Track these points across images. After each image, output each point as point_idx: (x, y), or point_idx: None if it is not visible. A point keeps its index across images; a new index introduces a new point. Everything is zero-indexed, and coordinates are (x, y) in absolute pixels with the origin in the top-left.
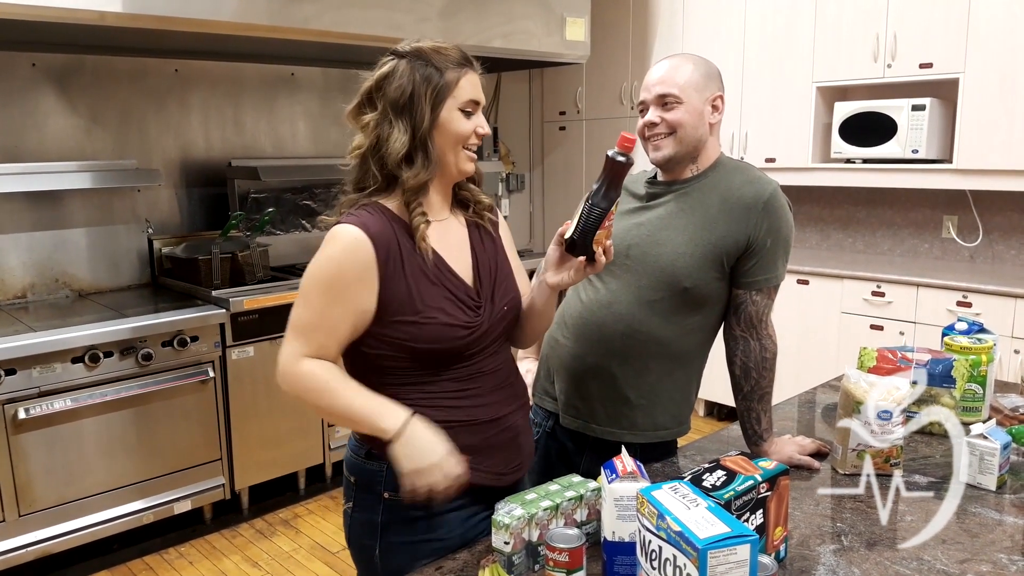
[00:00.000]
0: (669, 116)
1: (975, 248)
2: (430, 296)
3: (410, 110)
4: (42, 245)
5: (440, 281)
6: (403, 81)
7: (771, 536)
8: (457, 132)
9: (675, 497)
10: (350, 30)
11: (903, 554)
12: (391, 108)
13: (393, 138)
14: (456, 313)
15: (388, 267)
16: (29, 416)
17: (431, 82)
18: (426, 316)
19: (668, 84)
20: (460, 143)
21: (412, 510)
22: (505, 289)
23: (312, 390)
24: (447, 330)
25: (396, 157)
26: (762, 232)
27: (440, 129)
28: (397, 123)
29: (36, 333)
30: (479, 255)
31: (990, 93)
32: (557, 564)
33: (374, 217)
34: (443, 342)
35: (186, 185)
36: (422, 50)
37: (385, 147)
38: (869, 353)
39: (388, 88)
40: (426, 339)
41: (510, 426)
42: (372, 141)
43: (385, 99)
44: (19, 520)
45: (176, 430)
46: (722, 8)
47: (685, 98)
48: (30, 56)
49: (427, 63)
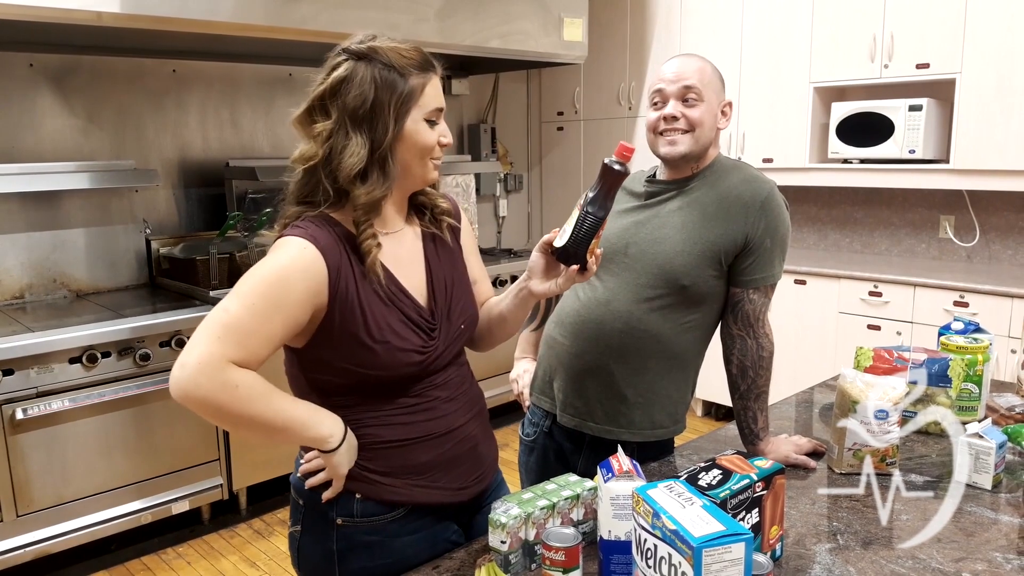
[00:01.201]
0: (691, 112)
1: (972, 248)
2: (383, 319)
3: (370, 120)
4: (40, 245)
5: (393, 302)
6: (364, 88)
7: (767, 535)
8: (424, 144)
9: (670, 496)
10: (347, 30)
11: (899, 553)
12: (348, 118)
13: (349, 151)
14: (410, 337)
15: (339, 286)
16: (27, 416)
17: (395, 89)
18: (378, 341)
19: (694, 78)
20: (426, 155)
21: (369, 535)
22: (463, 307)
23: (242, 399)
24: (401, 355)
25: (349, 172)
26: (760, 231)
27: (404, 141)
28: (355, 134)
29: (34, 333)
30: (434, 269)
31: (987, 93)
32: (554, 563)
33: (323, 231)
34: (396, 368)
35: (184, 185)
36: (382, 51)
37: (338, 160)
38: (865, 353)
39: (345, 95)
40: (378, 366)
41: (468, 436)
42: (325, 152)
43: (342, 107)
44: (17, 520)
45: (174, 430)
46: (719, 9)
47: (707, 97)
48: (27, 56)
49: (389, 67)
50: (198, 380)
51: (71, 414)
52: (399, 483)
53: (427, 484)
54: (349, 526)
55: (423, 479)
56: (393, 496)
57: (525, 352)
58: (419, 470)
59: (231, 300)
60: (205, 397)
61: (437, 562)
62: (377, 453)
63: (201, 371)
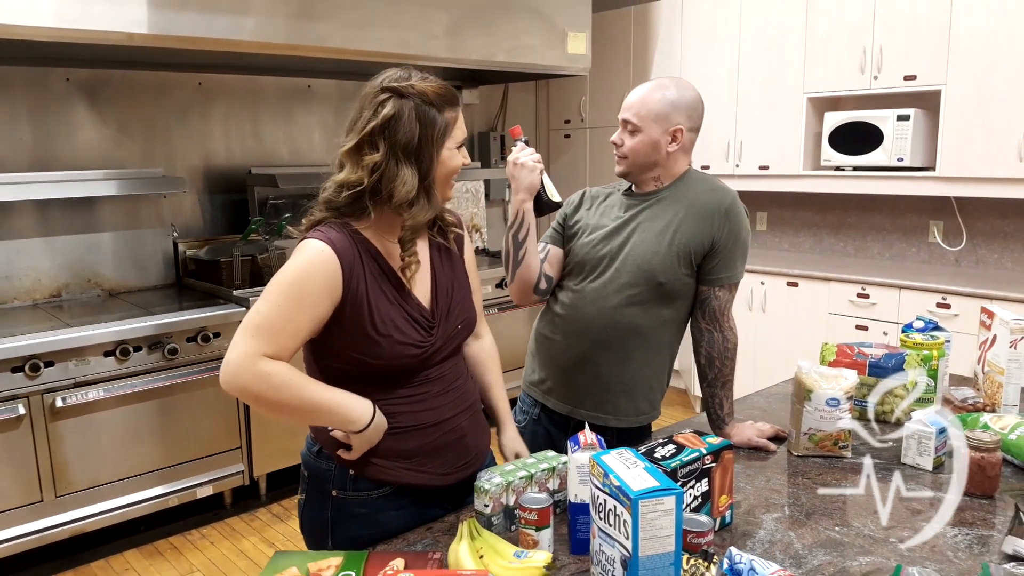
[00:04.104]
0: (628, 142)
1: (959, 252)
2: (387, 315)
3: (417, 154)
4: (75, 248)
5: (398, 302)
6: (412, 126)
7: (716, 503)
8: (453, 168)
9: (620, 460)
10: (362, 47)
11: (836, 521)
12: (401, 151)
13: (400, 180)
14: (410, 333)
15: (351, 283)
16: (66, 405)
17: (436, 126)
18: (382, 334)
19: (632, 112)
20: (452, 176)
21: (359, 507)
22: (461, 309)
23: (276, 386)
24: (400, 348)
25: (403, 199)
26: (724, 235)
27: (440, 168)
28: (404, 166)
29: (72, 329)
30: (439, 277)
31: (970, 104)
32: (528, 522)
33: (341, 235)
34: (396, 359)
35: (209, 192)
36: (424, 92)
37: (390, 188)
38: (830, 348)
39: (395, 132)
40: (381, 356)
41: (455, 428)
42: (374, 181)
43: (392, 142)
44: (56, 501)
45: (199, 420)
46: (718, 22)
47: (644, 128)
48: (64, 71)
49: (430, 105)
50: (237, 372)
51: (105, 403)
52: (388, 464)
53: (413, 468)
54: (342, 498)
55: (410, 463)
56: (382, 476)
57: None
58: (407, 455)
59: (261, 303)
60: (244, 386)
61: (430, 524)
62: None
63: (239, 364)
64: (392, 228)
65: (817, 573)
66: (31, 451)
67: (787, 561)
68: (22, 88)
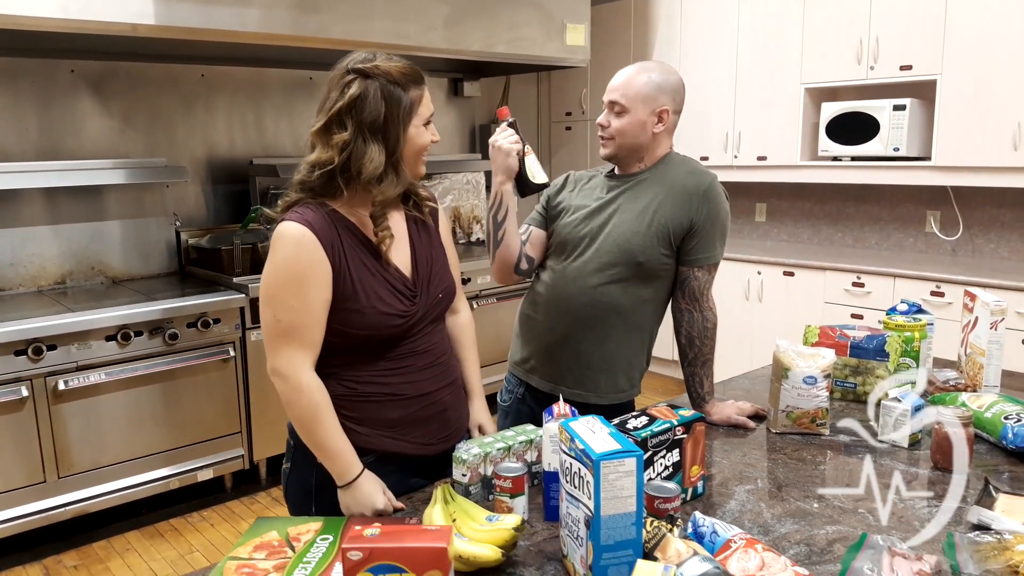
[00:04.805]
0: (615, 123)
1: (956, 242)
2: (371, 287)
3: (384, 131)
4: (80, 236)
5: (380, 274)
6: (377, 104)
7: (687, 473)
8: (421, 145)
9: (586, 427)
10: (362, 38)
11: (807, 493)
12: (367, 129)
13: (368, 157)
14: (393, 302)
15: (334, 260)
16: (68, 387)
17: (401, 104)
18: (366, 305)
19: (619, 93)
20: (421, 153)
21: None
22: (440, 278)
23: (306, 407)
24: (384, 318)
25: (371, 175)
26: (702, 216)
27: (408, 144)
28: (371, 144)
29: (74, 313)
30: (417, 247)
31: (965, 94)
32: (503, 490)
33: (317, 215)
34: (380, 329)
35: (212, 182)
36: (388, 71)
37: (359, 165)
38: (812, 330)
39: (362, 111)
40: (365, 326)
41: (437, 401)
42: (343, 159)
43: (359, 121)
44: (59, 481)
45: (199, 404)
46: (716, 14)
47: (631, 108)
48: (69, 63)
49: (393, 83)
50: (276, 380)
51: (107, 387)
52: (371, 433)
53: (395, 437)
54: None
55: (392, 432)
56: (365, 444)
57: None
58: (389, 424)
59: (270, 310)
60: (282, 393)
61: (411, 494)
62: (355, 405)
63: (277, 375)
64: (365, 204)
65: (783, 540)
66: (34, 433)
67: (755, 529)
68: (29, 80)
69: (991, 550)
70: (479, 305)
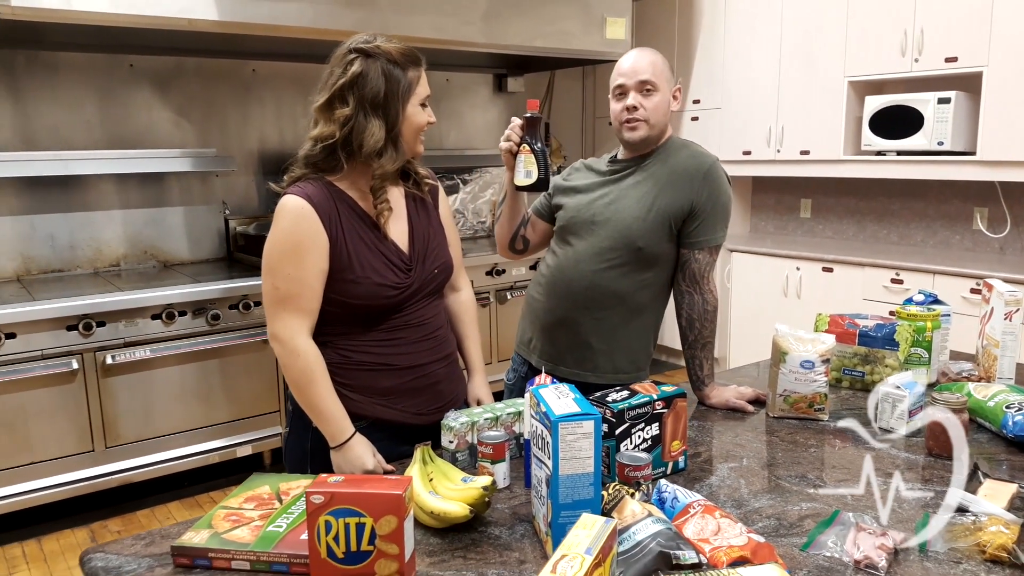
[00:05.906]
0: (648, 102)
1: (1003, 239)
2: (366, 259)
3: (384, 108)
4: (135, 222)
5: (376, 246)
6: (378, 82)
7: (667, 447)
8: (419, 124)
9: (555, 393)
10: (403, 32)
11: (791, 472)
12: (368, 105)
13: (369, 132)
14: (388, 274)
15: (331, 232)
16: (115, 362)
17: (400, 83)
18: (362, 276)
19: (649, 73)
20: (420, 132)
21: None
22: (437, 254)
23: (302, 371)
24: (379, 289)
25: (372, 149)
26: (703, 198)
27: (406, 122)
28: (372, 119)
29: (123, 292)
30: (415, 223)
31: (1012, 86)
32: (484, 456)
33: (317, 189)
34: (375, 299)
35: (263, 173)
36: (388, 52)
37: (360, 140)
38: (823, 318)
39: (363, 87)
40: (360, 296)
41: (429, 373)
42: (344, 134)
43: (360, 97)
44: (106, 451)
45: (239, 383)
46: (760, 7)
47: (660, 88)
48: (128, 58)
49: (393, 63)
50: (274, 345)
51: (152, 363)
52: (364, 400)
53: (388, 405)
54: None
55: (384, 400)
56: (358, 410)
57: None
58: (381, 392)
59: (270, 279)
60: (279, 356)
61: (402, 460)
62: (350, 372)
63: (283, 340)
64: (365, 179)
65: (754, 514)
66: (84, 404)
67: (728, 503)
68: (90, 73)
69: (963, 530)
70: (513, 296)
